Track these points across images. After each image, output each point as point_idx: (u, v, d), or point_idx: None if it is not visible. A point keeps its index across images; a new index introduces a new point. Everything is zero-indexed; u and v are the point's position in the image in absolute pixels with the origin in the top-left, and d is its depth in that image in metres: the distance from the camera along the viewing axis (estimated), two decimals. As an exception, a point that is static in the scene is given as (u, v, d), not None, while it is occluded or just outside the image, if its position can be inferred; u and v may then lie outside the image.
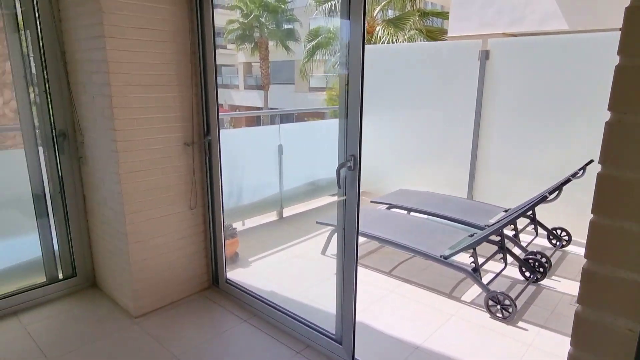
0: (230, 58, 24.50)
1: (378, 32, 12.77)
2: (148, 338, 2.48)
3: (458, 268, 2.98)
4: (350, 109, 2.01)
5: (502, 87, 4.26)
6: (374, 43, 12.27)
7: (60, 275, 2.98)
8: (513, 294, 2.93)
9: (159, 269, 2.75)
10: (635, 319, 0.79)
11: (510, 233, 3.55)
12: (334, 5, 13.81)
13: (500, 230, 3.10)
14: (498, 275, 3.14)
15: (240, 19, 20.39)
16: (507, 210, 3.76)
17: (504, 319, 2.74)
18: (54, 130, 2.76)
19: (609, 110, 0.79)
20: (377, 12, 13.43)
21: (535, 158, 4.14)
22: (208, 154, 2.82)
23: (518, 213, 3.13)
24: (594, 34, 3.82)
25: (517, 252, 3.42)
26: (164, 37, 2.52)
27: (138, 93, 2.45)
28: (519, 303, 2.91)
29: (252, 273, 3.49)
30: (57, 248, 2.95)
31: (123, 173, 2.46)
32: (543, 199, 3.08)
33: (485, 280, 3.00)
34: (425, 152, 4.95)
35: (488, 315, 2.80)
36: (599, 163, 0.81)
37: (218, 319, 2.69)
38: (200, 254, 2.98)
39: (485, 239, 3.06)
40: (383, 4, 13.28)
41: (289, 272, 3.57)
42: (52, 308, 2.79)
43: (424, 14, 13.52)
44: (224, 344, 2.45)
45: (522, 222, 3.84)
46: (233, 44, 21.61)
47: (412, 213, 4.15)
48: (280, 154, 4.57)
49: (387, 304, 2.96)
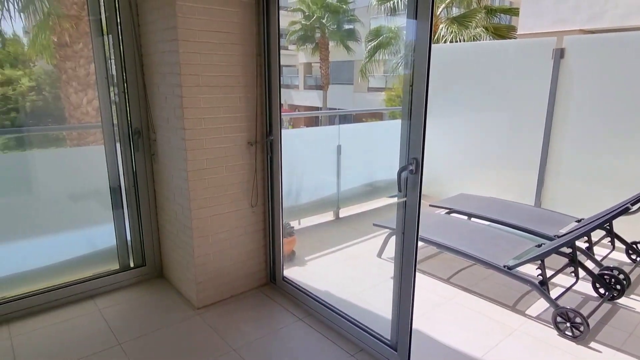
0: (291, 59, 24.98)
1: (441, 30, 12.41)
2: (208, 329, 2.59)
3: (523, 280, 2.82)
4: (414, 111, 1.96)
5: (578, 87, 3.96)
6: (436, 42, 11.93)
7: (132, 264, 3.20)
8: (585, 312, 2.72)
9: (221, 264, 2.86)
10: None
11: (583, 245, 3.30)
12: (397, 5, 13.60)
13: (572, 242, 2.89)
14: (568, 290, 2.92)
15: (303, 21, 20.71)
16: (579, 221, 3.50)
17: (574, 338, 2.54)
18: (130, 128, 2.96)
19: None
20: (440, 10, 13.04)
21: (615, 165, 3.81)
22: (269, 154, 2.89)
23: (595, 224, 2.90)
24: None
25: (590, 266, 3.17)
26: (233, 39, 2.61)
27: (206, 94, 2.56)
28: (592, 322, 2.69)
29: (307, 272, 3.52)
30: (129, 238, 3.16)
31: (190, 170, 2.59)
32: (624, 211, 2.82)
33: (554, 295, 2.81)
34: (489, 155, 4.73)
35: (556, 333, 2.62)
36: None
37: (274, 316, 2.75)
38: (260, 251, 3.06)
39: (555, 251, 2.86)
40: (447, 2, 12.88)
41: (344, 273, 3.56)
42: (123, 294, 3.00)
43: (491, 11, 12.93)
44: (280, 341, 2.49)
45: (596, 233, 3.55)
46: (294, 45, 22.00)
47: (473, 219, 3.99)
48: (339, 155, 4.58)
49: (445, 312, 2.86)
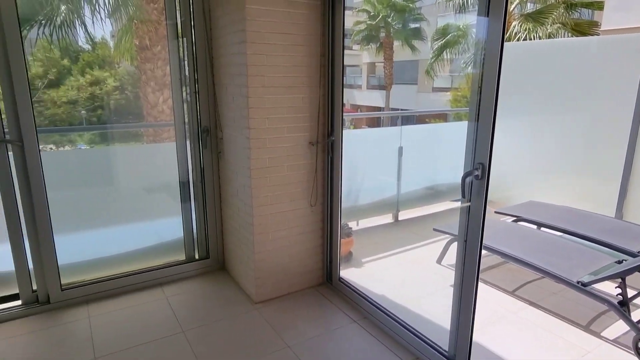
0: (355, 59, 24.95)
1: (514, 27, 11.74)
2: (265, 324, 2.65)
3: (600, 298, 2.59)
4: (482, 112, 1.87)
5: (672, 89, 3.56)
6: (509, 40, 11.32)
7: (197, 256, 3.37)
8: (673, 339, 2.44)
9: (279, 261, 2.92)
10: None
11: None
12: (466, 1, 13.08)
13: (660, 261, 2.61)
14: (653, 313, 2.65)
15: (368, 21, 20.61)
16: (670, 237, 3.15)
17: (659, 367, 2.30)
18: (200, 127, 3.11)
19: None
20: (514, 6, 12.35)
21: None
22: (330, 154, 2.90)
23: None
24: None
25: (681, 288, 2.85)
26: (298, 40, 2.65)
27: (271, 94, 2.63)
28: (681, 351, 2.41)
29: (364, 274, 3.50)
30: (195, 231, 3.33)
31: (254, 168, 2.67)
32: None
33: (635, 318, 2.55)
34: (563, 160, 4.40)
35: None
36: None
37: (329, 316, 2.76)
38: (317, 250, 3.08)
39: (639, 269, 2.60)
40: (522, -3, 12.16)
41: (401, 277, 3.49)
42: (188, 284, 3.16)
43: (571, 6, 12.01)
44: (334, 342, 2.49)
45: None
46: (358, 45, 21.95)
47: (543, 228, 3.73)
48: (400, 156, 4.49)
49: (508, 327, 2.71)
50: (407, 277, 3.50)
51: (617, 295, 2.57)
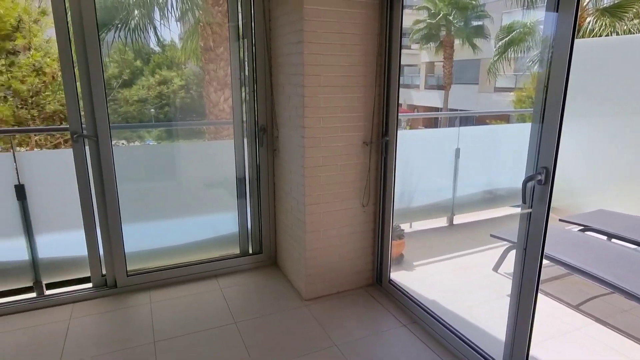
0: (413, 58, 24.45)
1: (589, 23, 10.94)
2: (314, 321, 2.68)
3: (679, 319, 2.35)
4: (548, 114, 1.76)
5: None
6: (582, 37, 10.56)
7: (250, 251, 3.47)
8: None
9: (329, 259, 2.94)
10: None
11: None
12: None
13: None
14: None
15: (428, 19, 20.12)
16: None
17: None
18: (257, 125, 3.20)
19: None
20: (588, 1, 11.50)
21: None
22: (384, 154, 2.87)
23: None
24: None
25: None
26: (355, 40, 2.65)
27: (326, 94, 2.65)
28: None
29: (415, 277, 3.43)
30: (249, 226, 3.43)
31: (307, 167, 2.70)
32: None
33: None
34: (639, 167, 4.04)
35: None
36: None
37: (378, 318, 2.73)
38: (368, 251, 3.07)
39: None
40: (598, -9, 11.30)
41: (454, 283, 3.38)
42: (241, 277, 3.27)
43: (656, -1, 10.97)
44: (382, 345, 2.47)
45: None
46: (417, 44, 21.49)
47: (613, 240, 3.45)
48: (457, 158, 4.35)
49: (570, 343, 2.53)
50: (460, 283, 3.39)
51: (700, 318, 2.33)
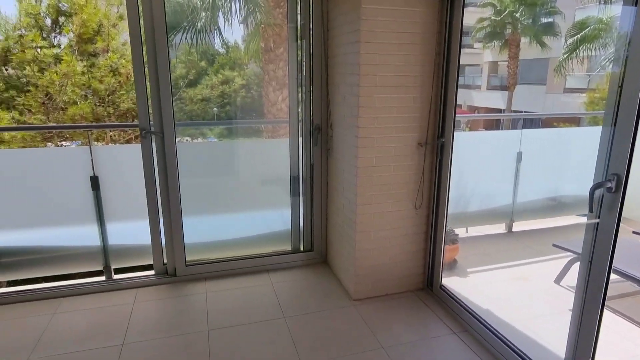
0: (475, 57, 23.52)
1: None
2: (361, 322, 2.68)
3: None
4: (621, 116, 1.63)
5: None
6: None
7: (301, 248, 3.53)
8: None
9: (379, 261, 2.92)
10: None
11: None
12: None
13: None
14: None
15: (492, 17, 19.27)
16: None
17: None
18: (312, 125, 3.25)
19: None
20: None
21: None
22: (439, 156, 2.80)
23: None
24: None
25: None
26: (413, 39, 2.61)
27: (382, 94, 2.63)
28: None
29: (468, 284, 3.31)
30: (302, 224, 3.49)
31: (360, 167, 2.70)
32: None
33: None
34: None
35: None
36: None
37: (427, 323, 2.67)
38: (419, 255, 3.01)
39: None
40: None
41: (511, 293, 3.22)
42: (292, 273, 3.34)
43: None
44: (430, 351, 2.41)
45: None
46: (480, 43, 20.66)
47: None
48: (519, 162, 4.14)
49: (641, 366, 2.33)
50: (517, 293, 3.22)
51: None
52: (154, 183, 3.00)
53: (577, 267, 1.95)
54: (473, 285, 3.30)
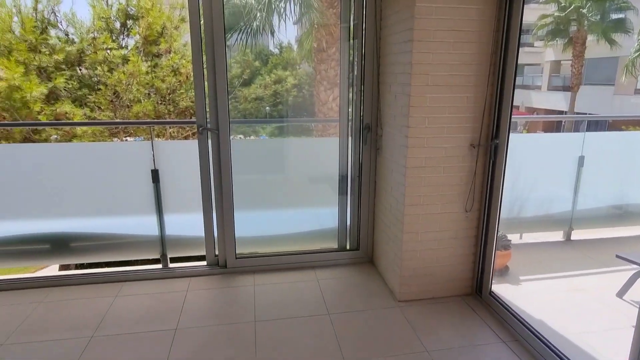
0: (535, 56, 22.37)
1: None
2: (406, 324, 2.66)
3: None
4: (698, 122, 1.51)
5: None
6: None
7: (348, 246, 3.56)
8: None
9: (426, 263, 2.88)
10: None
11: None
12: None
13: None
14: None
15: (556, 13, 18.25)
16: None
17: None
18: (362, 124, 3.26)
19: None
20: None
21: None
22: (493, 158, 2.72)
23: None
24: None
25: None
26: (468, 37, 2.55)
27: (434, 93, 2.59)
28: None
29: (520, 293, 3.18)
30: (349, 223, 3.51)
31: (409, 167, 2.68)
32: None
33: None
34: None
35: None
36: None
37: (475, 329, 2.60)
38: (468, 259, 2.93)
39: None
40: None
41: (567, 304, 3.06)
42: (337, 271, 3.37)
43: None
44: (476, 358, 2.35)
45: None
46: (541, 41, 19.62)
47: None
48: (580, 167, 3.92)
49: None
50: (574, 305, 3.06)
51: None
52: (209, 177, 3.14)
53: (641, 279, 1.83)
54: (525, 294, 3.17)
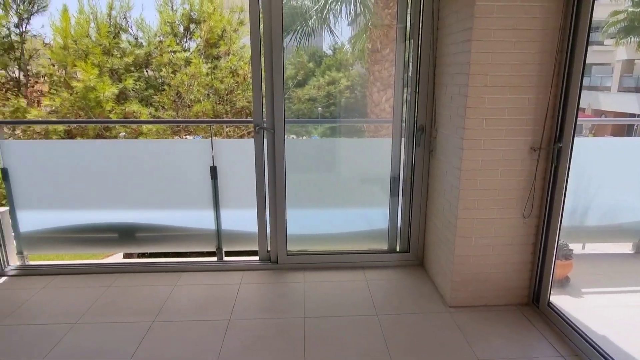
0: (604, 55, 20.83)
1: None
2: (456, 329, 2.60)
3: None
4: None
5: None
6: None
7: (398, 248, 3.53)
8: None
9: (479, 269, 2.79)
10: None
11: None
12: None
13: None
14: None
15: (630, 8, 16.90)
16: None
17: None
18: (415, 125, 3.22)
19: None
20: None
21: None
22: (555, 162, 2.59)
23: None
24: None
25: None
26: (531, 36, 2.45)
27: (492, 94, 2.52)
28: None
29: (581, 306, 3.00)
30: (399, 225, 3.49)
31: (464, 170, 2.62)
32: None
33: None
34: None
35: None
36: None
37: (530, 341, 2.49)
38: (525, 267, 2.81)
39: None
40: None
41: (635, 321, 2.85)
42: (387, 272, 3.35)
43: None
44: (533, 369, 2.26)
45: None
46: (612, 39, 18.24)
47: None
48: (655, 175, 3.62)
49: None
50: (644, 323, 2.84)
51: None
52: (263, 175, 3.24)
53: None
54: (588, 308, 2.98)
